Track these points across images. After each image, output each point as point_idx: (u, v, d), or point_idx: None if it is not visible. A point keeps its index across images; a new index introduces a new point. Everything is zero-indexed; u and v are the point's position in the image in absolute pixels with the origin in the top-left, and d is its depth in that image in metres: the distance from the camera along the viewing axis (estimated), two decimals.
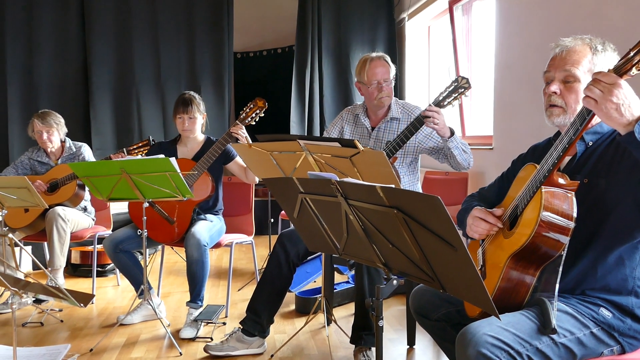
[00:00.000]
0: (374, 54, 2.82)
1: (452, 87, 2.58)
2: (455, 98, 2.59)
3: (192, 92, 3.31)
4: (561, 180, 1.49)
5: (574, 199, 1.45)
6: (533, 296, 1.49)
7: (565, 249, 1.43)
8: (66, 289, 1.56)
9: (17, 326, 1.98)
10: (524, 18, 3.49)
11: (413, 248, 1.30)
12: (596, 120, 1.58)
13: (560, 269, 1.43)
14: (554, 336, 1.41)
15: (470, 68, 4.68)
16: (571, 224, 1.43)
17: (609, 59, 1.58)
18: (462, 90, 2.57)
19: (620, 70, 1.31)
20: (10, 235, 1.45)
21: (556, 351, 1.42)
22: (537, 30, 3.33)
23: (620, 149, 1.52)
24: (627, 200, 1.47)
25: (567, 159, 1.63)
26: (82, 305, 1.50)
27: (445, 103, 2.58)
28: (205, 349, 2.68)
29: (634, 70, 1.30)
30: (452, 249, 1.17)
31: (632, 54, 1.30)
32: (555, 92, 1.60)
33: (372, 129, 2.85)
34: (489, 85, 4.04)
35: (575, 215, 1.44)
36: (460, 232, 1.28)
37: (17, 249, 4.09)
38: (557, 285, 1.43)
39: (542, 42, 3.23)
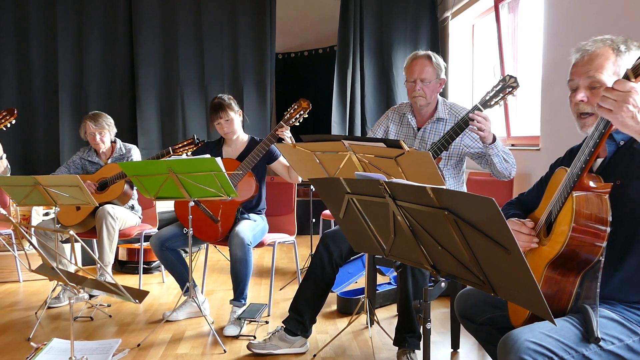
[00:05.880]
0: (421, 52, 2.78)
1: (500, 86, 2.52)
2: (502, 98, 2.52)
3: (220, 95, 3.34)
4: (592, 184, 1.45)
5: (608, 202, 1.41)
6: (577, 303, 1.45)
7: (604, 254, 1.40)
8: (122, 285, 1.61)
9: (70, 320, 2.05)
10: (574, 14, 3.39)
11: (463, 250, 1.28)
12: None
13: (600, 274, 1.40)
14: (602, 343, 1.37)
15: (516, 67, 4.58)
16: (606, 228, 1.40)
17: (634, 58, 1.49)
18: (510, 89, 2.51)
19: (638, 70, 1.27)
20: (71, 232, 1.50)
21: (605, 358, 1.38)
22: (588, 27, 3.23)
23: None
24: None
25: (599, 160, 1.58)
26: (137, 301, 1.54)
27: (493, 103, 2.52)
28: (248, 347, 2.71)
29: None
30: (505, 252, 1.14)
31: None
32: (582, 100, 1.56)
33: (418, 129, 2.82)
34: (536, 85, 3.94)
35: (610, 219, 1.40)
36: None
37: (67, 246, 4.24)
38: (598, 291, 1.40)
39: None
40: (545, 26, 3.73)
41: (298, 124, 3.15)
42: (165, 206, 4.88)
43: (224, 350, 2.77)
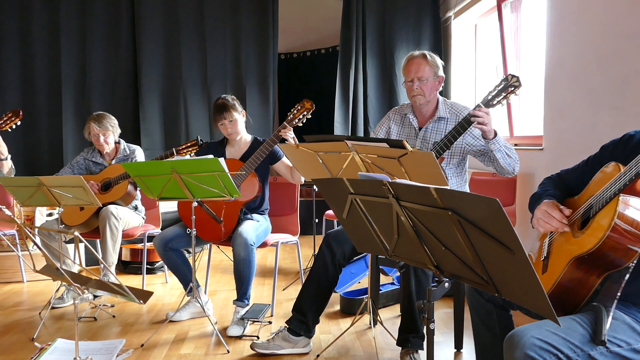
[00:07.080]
0: (417, 52, 2.79)
1: (502, 85, 2.51)
2: (505, 97, 2.52)
3: (224, 96, 3.35)
4: None
5: None
6: (593, 299, 1.44)
7: (635, 261, 1.37)
8: (127, 286, 1.61)
9: (74, 320, 2.05)
10: (577, 13, 3.38)
11: (467, 250, 1.27)
12: None
13: (626, 278, 1.38)
14: (608, 345, 1.37)
15: (519, 66, 4.58)
16: None
17: None
18: (513, 89, 2.50)
19: None
20: (76, 233, 1.51)
21: (610, 359, 1.38)
22: (590, 26, 3.22)
23: None
24: None
25: None
26: (141, 301, 1.55)
27: (495, 102, 2.52)
28: (252, 347, 2.71)
29: None
30: (509, 253, 1.14)
31: None
32: None
33: (420, 129, 2.82)
34: (539, 84, 3.93)
35: None
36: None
37: (71, 246, 4.24)
38: (619, 294, 1.38)
39: (597, 39, 3.13)
40: (548, 25, 3.73)
41: (301, 124, 3.15)
42: (168, 207, 4.89)
43: (228, 350, 2.77)
